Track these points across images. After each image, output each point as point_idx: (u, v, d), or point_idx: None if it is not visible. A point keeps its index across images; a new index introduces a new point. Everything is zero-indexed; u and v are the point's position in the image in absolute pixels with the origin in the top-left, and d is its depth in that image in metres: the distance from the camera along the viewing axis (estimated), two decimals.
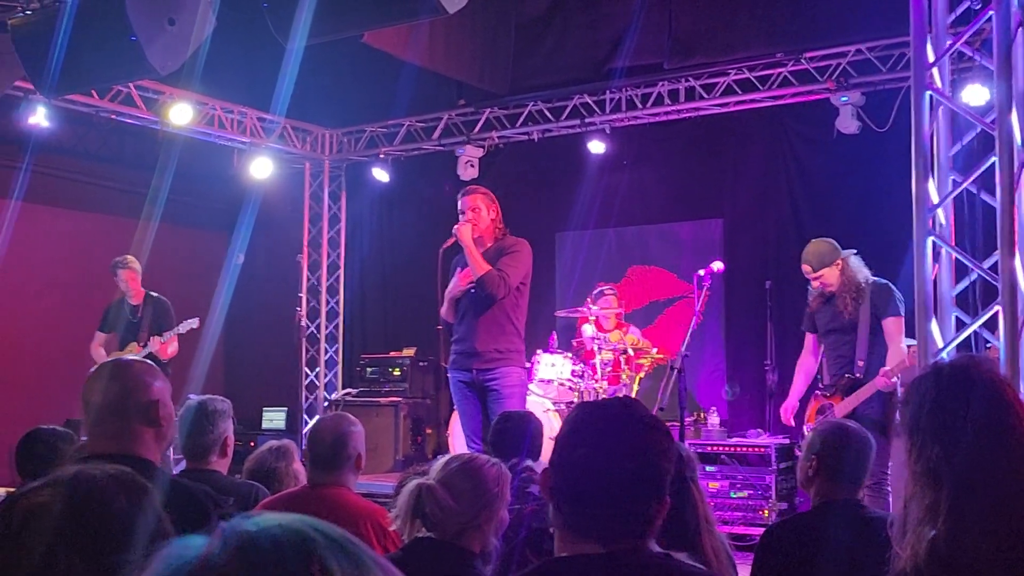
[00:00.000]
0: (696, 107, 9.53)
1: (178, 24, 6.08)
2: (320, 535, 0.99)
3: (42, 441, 3.96)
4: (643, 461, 1.95)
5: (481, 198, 6.55)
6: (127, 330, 8.78)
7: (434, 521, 2.84)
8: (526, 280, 6.44)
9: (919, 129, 4.39)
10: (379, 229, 12.12)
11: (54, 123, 9.21)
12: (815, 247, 6.23)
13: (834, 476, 3.35)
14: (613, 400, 2.06)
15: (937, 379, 2.07)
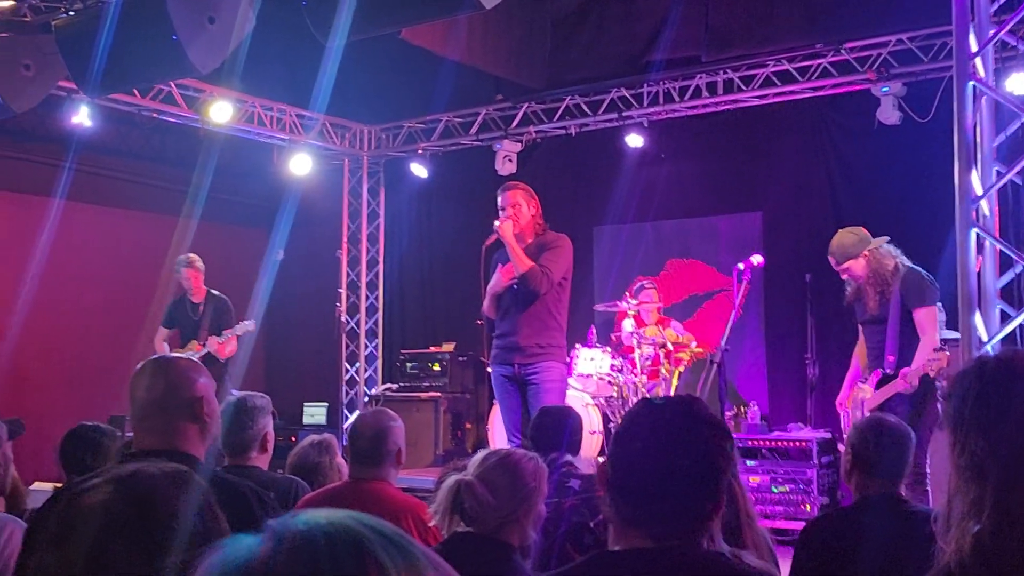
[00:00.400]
0: (734, 99, 9.46)
1: (218, 23, 6.14)
2: (371, 531, 0.98)
3: (86, 437, 4.01)
4: (702, 460, 1.96)
5: (521, 194, 6.55)
6: (188, 327, 8.99)
7: (473, 516, 2.85)
8: (568, 275, 6.45)
9: (962, 120, 4.35)
10: (417, 224, 12.17)
11: (97, 122, 9.32)
12: (839, 239, 6.12)
13: (871, 470, 3.34)
14: (676, 398, 2.07)
15: (981, 373, 2.05)
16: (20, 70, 6.95)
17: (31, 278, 9.40)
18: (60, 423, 4.57)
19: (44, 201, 9.57)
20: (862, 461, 3.36)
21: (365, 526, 0.98)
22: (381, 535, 0.98)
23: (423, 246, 12.06)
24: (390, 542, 0.98)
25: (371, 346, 12.04)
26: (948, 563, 1.96)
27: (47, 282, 9.65)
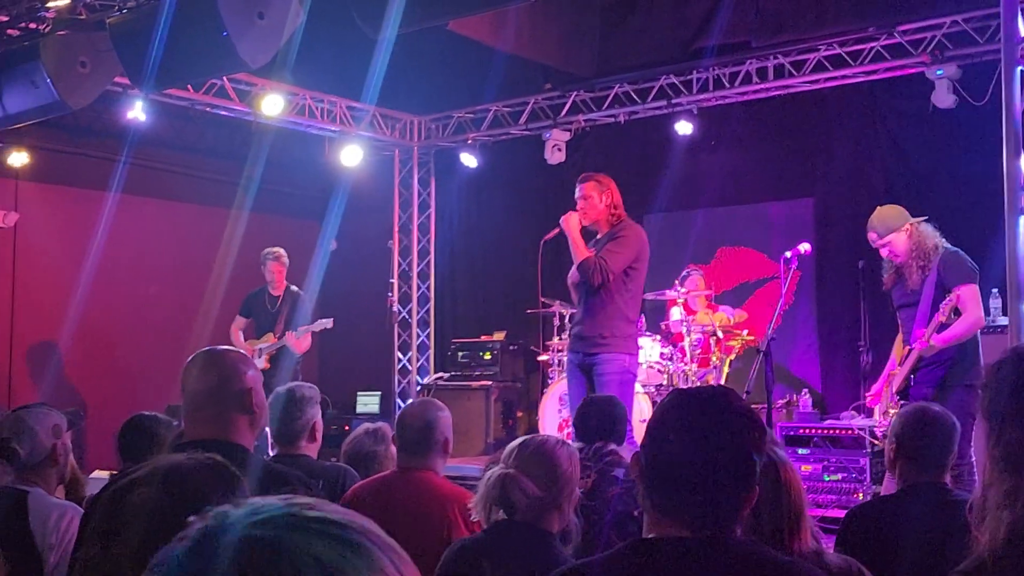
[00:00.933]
0: (785, 85, 9.36)
1: (267, 18, 6.22)
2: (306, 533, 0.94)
3: (142, 427, 4.10)
4: (735, 450, 1.98)
5: (594, 185, 6.52)
6: (265, 319, 9.21)
7: (519, 508, 2.89)
8: (636, 265, 6.44)
9: (1010, 105, 4.29)
10: (468, 214, 12.23)
11: (151, 117, 9.46)
12: (880, 212, 5.93)
13: (914, 459, 3.32)
14: (709, 388, 2.08)
15: (1017, 363, 2.04)
16: (76, 67, 7.09)
17: (88, 270, 9.60)
18: (119, 413, 4.68)
19: (100, 195, 9.75)
20: (906, 450, 3.34)
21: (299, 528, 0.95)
22: (324, 535, 0.95)
23: (473, 235, 12.11)
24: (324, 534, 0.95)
25: (423, 335, 12.12)
26: (982, 553, 1.96)
27: (104, 274, 9.85)
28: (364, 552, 0.97)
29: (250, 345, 9.09)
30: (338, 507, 1.00)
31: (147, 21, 6.41)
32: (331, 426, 10.80)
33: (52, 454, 3.42)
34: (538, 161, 10.75)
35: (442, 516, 3.61)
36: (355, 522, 0.99)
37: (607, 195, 6.49)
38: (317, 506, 0.98)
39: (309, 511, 0.97)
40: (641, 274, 6.52)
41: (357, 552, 0.96)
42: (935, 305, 5.60)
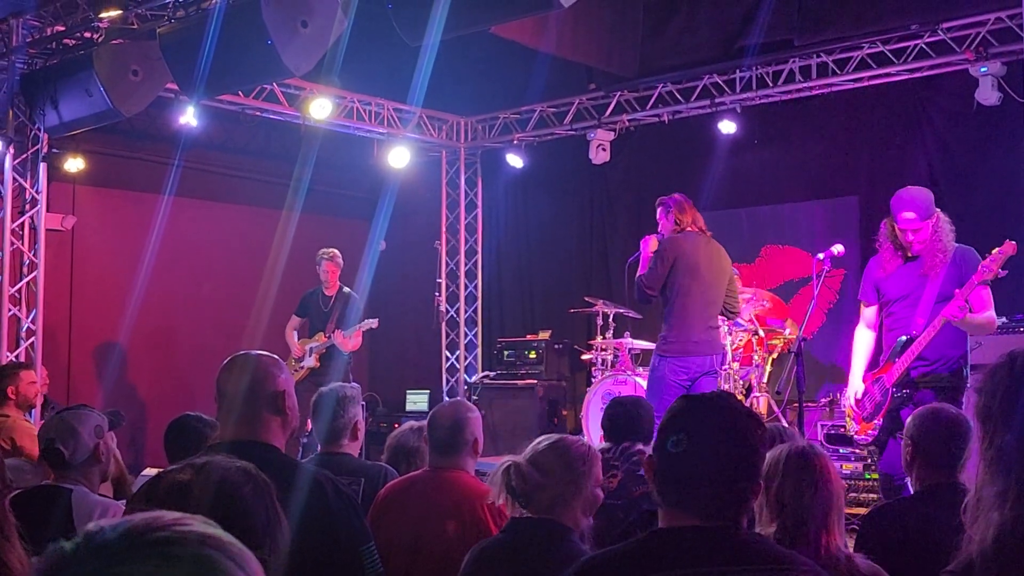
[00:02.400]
0: (828, 83, 9.35)
1: (311, 27, 6.36)
2: (140, 548, 1.00)
3: (188, 427, 4.25)
4: (742, 447, 2.17)
5: (660, 210, 7.18)
6: (318, 318, 9.47)
7: (520, 493, 3.00)
8: (673, 276, 6.84)
9: None
10: (514, 214, 12.33)
11: (203, 121, 9.67)
12: (918, 194, 5.49)
13: (931, 461, 3.36)
14: (712, 393, 2.28)
15: (1011, 367, 2.10)
16: (128, 76, 7.31)
17: (143, 272, 9.86)
18: (171, 412, 4.83)
19: (154, 198, 10.00)
20: (923, 452, 3.39)
21: (131, 556, 1.00)
22: (160, 556, 0.99)
23: (519, 235, 12.22)
24: (172, 561, 0.99)
25: (470, 334, 12.25)
26: (971, 552, 2.03)
27: (158, 275, 10.10)
28: (207, 563, 1.01)
29: (302, 344, 9.31)
30: (177, 517, 1.05)
31: (195, 31, 6.59)
32: (380, 423, 11.02)
33: (95, 454, 3.58)
34: (583, 161, 10.83)
35: (472, 515, 3.72)
36: (192, 533, 1.04)
37: (670, 216, 7.09)
38: (155, 523, 1.03)
39: (148, 533, 1.02)
40: (678, 284, 6.81)
41: (199, 565, 1.01)
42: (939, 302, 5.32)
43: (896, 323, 5.58)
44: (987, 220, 8.35)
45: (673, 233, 6.95)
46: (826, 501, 2.92)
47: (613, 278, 11.15)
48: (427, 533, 3.70)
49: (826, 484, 2.90)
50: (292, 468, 2.92)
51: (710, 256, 7.01)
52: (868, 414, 5.53)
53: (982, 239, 5.62)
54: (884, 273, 5.65)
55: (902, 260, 5.56)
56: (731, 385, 8.47)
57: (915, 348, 5.33)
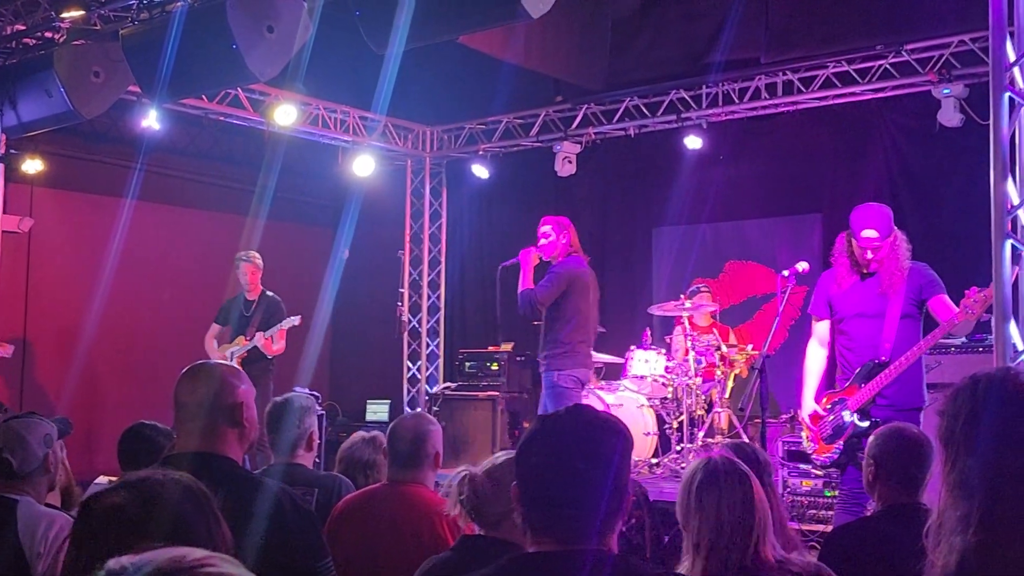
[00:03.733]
0: (794, 101, 9.42)
1: (277, 32, 6.31)
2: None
3: (142, 436, 4.17)
4: (595, 461, 2.03)
5: (552, 227, 7.37)
6: (239, 323, 9.11)
7: (471, 506, 2.96)
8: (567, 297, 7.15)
9: (997, 130, 4.33)
10: (479, 225, 12.30)
11: (165, 125, 9.57)
12: (880, 211, 5.38)
13: (893, 481, 3.36)
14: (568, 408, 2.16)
15: (973, 391, 2.09)
16: (90, 77, 7.20)
17: (102, 276, 9.71)
18: (128, 418, 4.74)
19: (115, 201, 9.87)
20: (884, 471, 3.38)
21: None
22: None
23: (484, 246, 12.18)
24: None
25: (432, 344, 12.20)
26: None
27: (119, 280, 9.97)
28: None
29: (222, 351, 9.01)
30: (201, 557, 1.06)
31: (159, 33, 6.51)
32: (340, 433, 10.91)
33: (44, 463, 3.50)
34: (548, 173, 10.83)
35: (431, 531, 3.66)
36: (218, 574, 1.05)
37: (565, 234, 7.33)
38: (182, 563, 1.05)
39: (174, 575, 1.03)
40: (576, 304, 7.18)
41: None
42: (903, 319, 5.30)
43: (855, 342, 5.51)
44: (948, 241, 8.43)
45: (567, 255, 7.27)
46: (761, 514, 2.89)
47: None
48: (385, 549, 3.65)
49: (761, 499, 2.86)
50: (249, 482, 2.87)
51: (594, 280, 7.46)
52: (828, 436, 5.50)
53: (942, 259, 5.67)
54: (839, 289, 5.59)
55: (859, 277, 5.50)
56: (693, 400, 8.48)
57: (884, 377, 5.26)
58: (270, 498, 2.83)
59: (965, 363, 7.00)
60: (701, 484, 2.68)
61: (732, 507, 2.63)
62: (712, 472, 2.69)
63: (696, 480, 2.70)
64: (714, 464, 2.71)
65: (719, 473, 2.69)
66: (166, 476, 1.87)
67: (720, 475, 2.68)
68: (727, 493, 2.64)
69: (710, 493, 2.66)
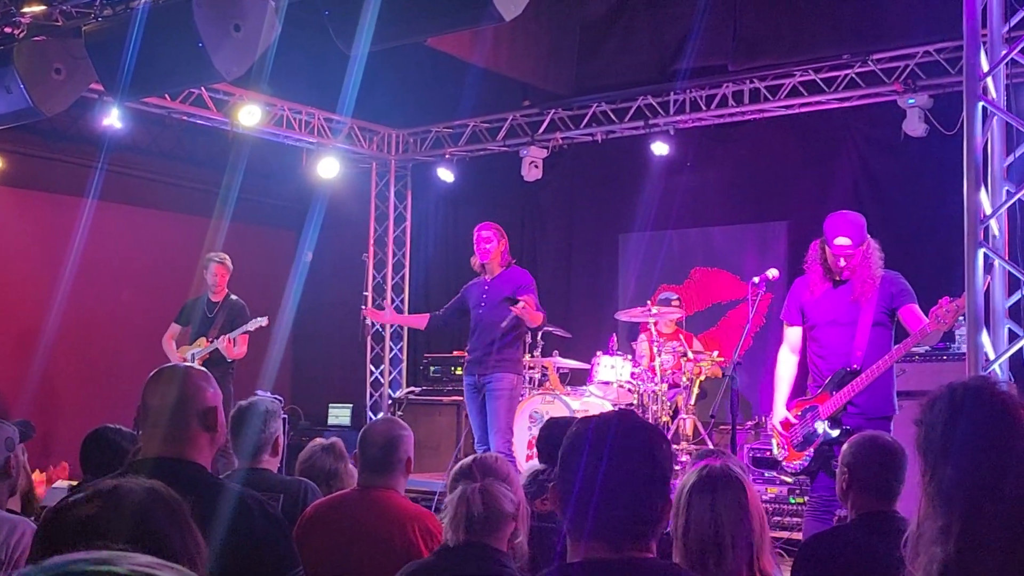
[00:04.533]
0: (761, 108, 9.46)
1: (244, 30, 6.22)
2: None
3: (106, 440, 4.10)
4: (648, 463, 2.05)
5: (493, 232, 7.98)
6: (201, 325, 8.93)
7: (482, 520, 2.91)
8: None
9: (971, 139, 4.35)
10: (444, 228, 12.24)
11: (128, 124, 9.44)
12: (854, 219, 5.40)
13: (867, 489, 3.35)
14: (611, 412, 2.16)
15: (951, 400, 2.07)
16: (51, 74, 7.07)
17: (63, 277, 9.55)
18: (91, 420, 4.65)
19: (76, 201, 9.71)
20: (858, 480, 3.37)
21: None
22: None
23: (448, 250, 12.12)
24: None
25: (396, 349, 12.12)
26: None
27: (79, 281, 9.80)
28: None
29: (182, 352, 8.86)
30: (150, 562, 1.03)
31: (122, 30, 6.39)
32: (303, 437, 10.79)
33: (5, 468, 3.41)
34: (515, 177, 10.80)
35: (403, 536, 3.61)
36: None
37: (504, 241, 7.88)
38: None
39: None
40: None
41: None
42: (875, 327, 5.30)
43: (827, 349, 5.49)
44: (912, 250, 8.48)
45: (506, 264, 7.88)
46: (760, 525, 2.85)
47: (542, 296, 11.08)
48: (356, 555, 3.59)
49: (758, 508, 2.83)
50: (219, 489, 2.80)
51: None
52: (798, 443, 5.49)
53: (906, 268, 5.66)
54: (812, 296, 5.57)
55: (831, 284, 5.49)
56: (659, 406, 8.47)
57: (856, 385, 5.24)
58: (240, 505, 2.76)
59: (929, 371, 7.05)
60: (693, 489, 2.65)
61: (729, 515, 2.60)
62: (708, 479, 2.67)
63: (691, 486, 2.67)
64: (709, 471, 2.69)
65: (716, 481, 2.66)
66: (138, 484, 1.80)
67: (717, 483, 2.65)
68: (722, 501, 2.61)
69: (703, 499, 2.63)
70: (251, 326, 8.77)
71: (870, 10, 8.56)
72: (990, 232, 4.44)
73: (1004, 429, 1.97)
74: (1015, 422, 1.98)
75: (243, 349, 8.79)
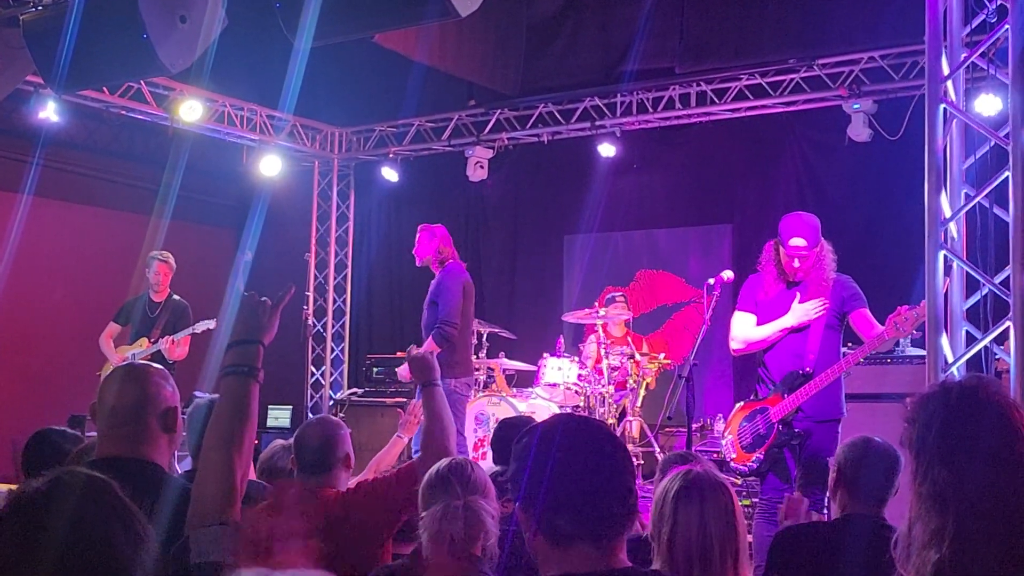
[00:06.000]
0: (707, 111, 9.50)
1: (189, 22, 6.07)
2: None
3: (49, 442, 3.96)
4: (623, 474, 1.99)
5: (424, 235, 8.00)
6: (142, 325, 8.72)
7: (463, 541, 2.85)
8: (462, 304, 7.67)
9: (932, 142, 4.37)
10: (387, 228, 12.13)
11: (64, 118, 9.21)
12: (809, 221, 5.39)
13: (853, 490, 3.36)
14: (586, 418, 2.10)
15: (945, 400, 2.04)
16: None
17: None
18: (22, 421, 4.51)
19: (10, 196, 9.43)
20: (847, 480, 3.37)
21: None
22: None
23: (392, 250, 12.00)
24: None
25: (337, 349, 11.99)
26: None
27: (13, 279, 9.49)
28: None
29: (121, 352, 8.65)
30: None
31: (62, 19, 6.20)
32: None
33: None
34: (460, 178, 10.73)
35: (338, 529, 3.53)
36: None
37: (435, 242, 7.80)
38: None
39: None
40: (466, 308, 7.66)
41: None
42: (827, 330, 5.31)
43: (778, 351, 5.47)
44: (855, 253, 8.55)
45: (440, 263, 7.76)
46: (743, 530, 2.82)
47: (488, 297, 11.07)
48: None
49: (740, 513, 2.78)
50: (180, 490, 2.71)
51: (472, 285, 7.87)
52: (748, 444, 5.49)
53: (849, 272, 5.68)
54: (765, 296, 5.56)
55: (784, 286, 5.49)
56: (606, 409, 8.46)
57: (810, 388, 5.23)
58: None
59: (875, 374, 7.09)
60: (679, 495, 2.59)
61: (718, 523, 2.55)
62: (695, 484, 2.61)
63: (676, 492, 2.60)
64: (696, 476, 2.63)
65: (704, 486, 2.60)
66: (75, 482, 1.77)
67: (705, 490, 2.60)
68: (710, 508, 2.55)
69: (689, 506, 2.57)
70: (198, 328, 8.60)
71: (816, 15, 8.65)
72: (949, 234, 4.47)
73: (1000, 430, 1.95)
74: (1010, 423, 1.96)
75: (184, 350, 8.61)
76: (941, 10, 4.32)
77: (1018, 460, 1.96)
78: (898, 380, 6.84)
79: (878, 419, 5.57)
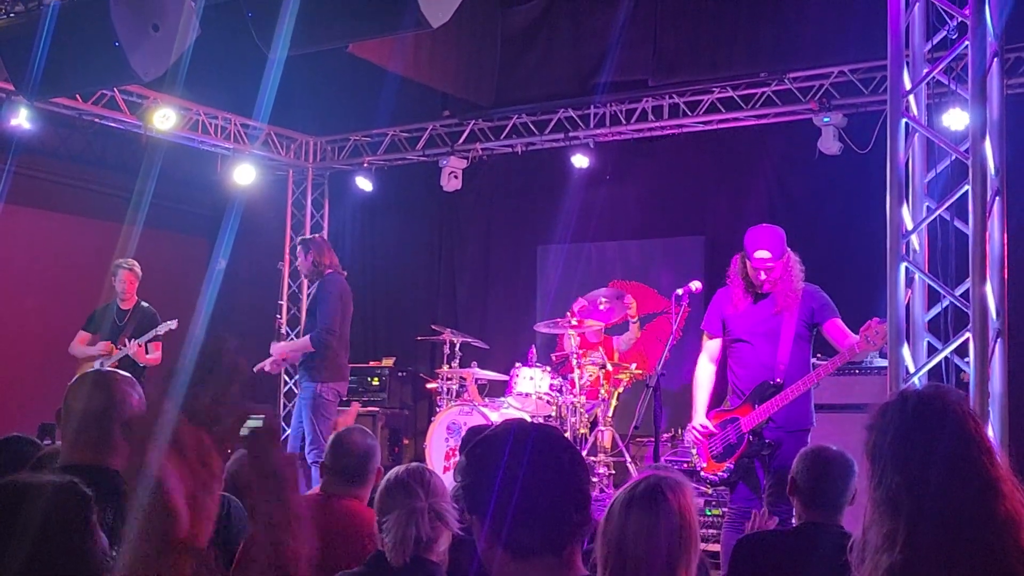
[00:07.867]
0: (679, 124, 9.58)
1: (162, 31, 6.10)
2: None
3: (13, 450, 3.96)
4: (579, 484, 2.00)
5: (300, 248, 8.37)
6: (111, 332, 8.69)
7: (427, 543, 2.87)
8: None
9: (894, 156, 4.44)
10: (361, 238, 12.12)
11: (37, 125, 9.18)
12: (773, 232, 5.46)
13: (810, 500, 3.39)
14: (544, 426, 2.08)
15: (903, 407, 2.09)
16: None
17: None
18: None
19: None
20: (803, 490, 3.40)
21: None
22: None
23: (366, 260, 12.00)
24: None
25: None
26: None
27: None
28: None
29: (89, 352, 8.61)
30: None
31: (34, 27, 6.22)
32: None
33: None
34: (434, 188, 10.76)
35: (363, 550, 3.50)
36: None
37: (312, 254, 8.16)
38: None
39: None
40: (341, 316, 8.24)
41: None
42: (797, 341, 5.35)
43: (748, 362, 5.51)
44: (824, 265, 8.62)
45: (314, 272, 8.20)
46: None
47: (460, 307, 11.10)
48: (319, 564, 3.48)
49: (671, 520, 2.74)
50: None
51: (351, 294, 8.35)
52: (718, 454, 5.53)
53: (819, 284, 5.73)
54: (734, 310, 5.59)
55: (752, 299, 5.52)
56: (577, 419, 8.48)
57: (781, 399, 5.26)
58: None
59: (842, 384, 7.16)
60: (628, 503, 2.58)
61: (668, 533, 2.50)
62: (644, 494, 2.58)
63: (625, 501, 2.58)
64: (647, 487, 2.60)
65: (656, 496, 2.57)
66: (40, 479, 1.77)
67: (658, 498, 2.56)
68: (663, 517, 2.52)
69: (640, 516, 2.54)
70: (161, 330, 8.58)
71: (787, 30, 8.73)
72: (911, 247, 4.53)
73: (955, 438, 2.00)
74: (966, 431, 2.01)
75: (158, 356, 8.59)
76: (903, 26, 4.39)
77: (972, 467, 2.00)
78: (865, 391, 6.91)
79: (846, 429, 5.58)
